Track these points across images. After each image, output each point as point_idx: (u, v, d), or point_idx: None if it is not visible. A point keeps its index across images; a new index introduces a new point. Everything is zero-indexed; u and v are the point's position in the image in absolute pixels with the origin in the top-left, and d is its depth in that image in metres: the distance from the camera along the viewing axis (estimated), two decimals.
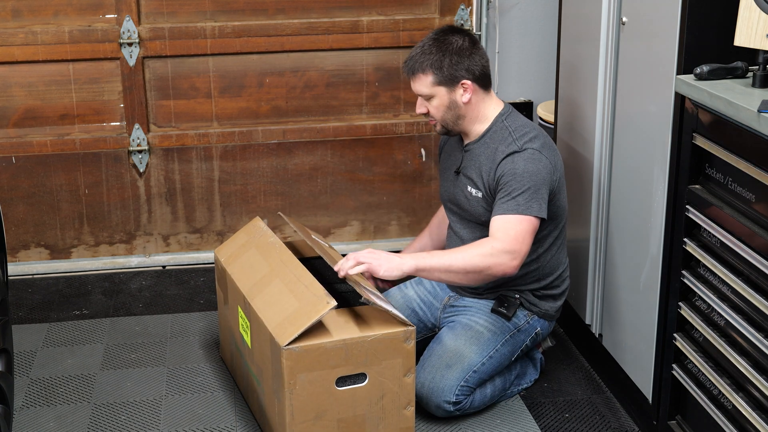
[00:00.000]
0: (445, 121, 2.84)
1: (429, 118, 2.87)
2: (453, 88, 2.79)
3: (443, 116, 2.83)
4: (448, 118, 2.83)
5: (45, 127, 3.75)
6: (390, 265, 2.65)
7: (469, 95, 2.80)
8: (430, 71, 2.77)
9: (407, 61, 2.83)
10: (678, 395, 2.57)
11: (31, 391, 3.00)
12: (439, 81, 2.78)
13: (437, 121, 2.86)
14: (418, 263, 2.67)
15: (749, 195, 2.18)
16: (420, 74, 2.79)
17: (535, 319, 2.92)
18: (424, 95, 2.81)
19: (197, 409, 2.92)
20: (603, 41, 2.81)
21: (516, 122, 2.83)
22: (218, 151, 3.86)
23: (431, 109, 2.83)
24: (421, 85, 2.80)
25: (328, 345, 2.50)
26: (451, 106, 2.81)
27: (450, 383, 2.77)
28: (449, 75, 2.77)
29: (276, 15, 3.78)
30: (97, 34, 3.67)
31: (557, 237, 2.88)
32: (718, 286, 2.34)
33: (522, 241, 2.68)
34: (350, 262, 2.65)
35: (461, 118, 2.83)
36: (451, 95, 2.80)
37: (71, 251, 3.90)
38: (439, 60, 2.77)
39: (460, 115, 2.83)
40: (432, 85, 2.78)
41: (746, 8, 2.21)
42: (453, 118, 2.83)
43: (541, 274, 2.88)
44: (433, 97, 2.80)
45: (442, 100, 2.80)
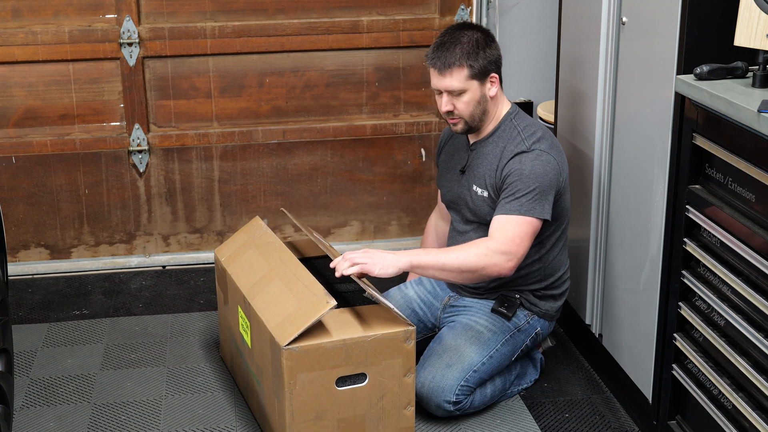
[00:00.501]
0: (473, 117, 2.79)
1: (453, 117, 2.80)
2: (484, 82, 2.76)
3: (473, 112, 2.78)
4: (476, 114, 2.79)
5: (45, 127, 3.75)
6: (384, 263, 2.63)
7: (496, 89, 2.79)
8: (466, 64, 2.72)
9: (437, 56, 2.74)
10: (678, 395, 2.57)
11: (31, 391, 3.00)
12: (474, 74, 2.74)
13: (464, 118, 2.79)
14: (412, 259, 2.65)
15: (749, 195, 2.18)
16: (456, 68, 2.72)
17: (536, 319, 2.92)
18: (455, 90, 2.75)
19: (197, 409, 2.92)
20: (603, 41, 2.81)
21: (524, 121, 2.83)
22: (218, 151, 3.86)
23: (460, 105, 2.77)
24: (455, 79, 2.74)
25: (328, 345, 2.50)
26: (481, 100, 2.77)
27: (450, 383, 2.77)
28: (482, 68, 2.74)
29: (276, 15, 3.78)
30: (97, 34, 3.67)
31: (559, 238, 2.87)
32: (718, 286, 2.34)
33: (519, 243, 2.67)
34: (346, 263, 2.64)
35: (486, 113, 2.81)
36: (482, 89, 2.77)
37: (71, 251, 3.90)
38: (474, 53, 2.73)
39: (486, 110, 2.80)
40: (467, 78, 2.74)
41: (746, 8, 2.21)
42: (480, 113, 2.79)
43: (543, 274, 2.88)
44: (464, 92, 2.75)
45: (474, 95, 2.76)
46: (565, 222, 2.89)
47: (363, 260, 2.63)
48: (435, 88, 2.80)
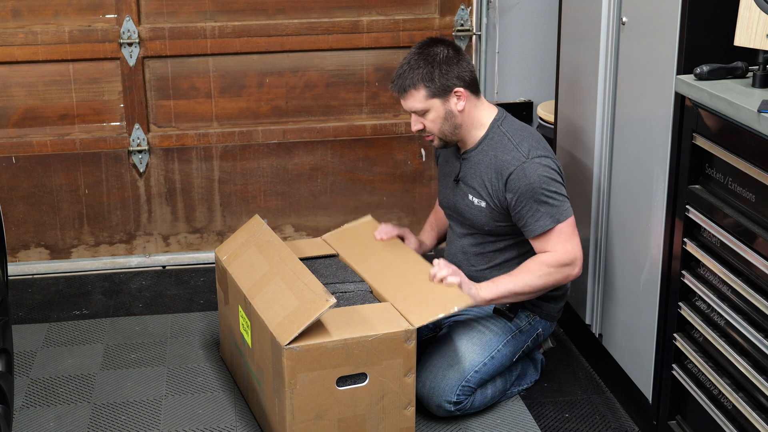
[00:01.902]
0: (443, 133, 2.81)
1: (425, 134, 2.84)
2: (447, 98, 2.77)
3: (441, 128, 2.80)
4: (446, 130, 2.81)
5: (45, 127, 3.75)
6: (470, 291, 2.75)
7: (464, 103, 2.79)
8: (422, 85, 2.75)
9: (395, 80, 2.80)
10: (678, 395, 2.57)
11: (31, 391, 3.00)
12: (433, 93, 2.76)
13: (435, 135, 2.83)
14: (491, 295, 2.77)
15: (749, 195, 2.18)
16: (412, 90, 2.76)
17: (537, 320, 2.92)
18: (418, 111, 2.78)
19: (197, 409, 2.92)
20: (603, 41, 2.81)
21: (512, 127, 2.82)
22: (218, 151, 3.87)
23: (427, 124, 2.80)
24: (414, 101, 2.77)
25: (328, 345, 2.50)
26: (447, 116, 2.79)
27: (451, 383, 2.77)
28: (441, 85, 2.76)
29: (276, 15, 3.78)
30: (97, 34, 3.68)
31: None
32: (718, 286, 2.34)
33: (572, 247, 2.76)
34: (445, 270, 2.74)
35: (458, 127, 2.82)
36: (446, 105, 2.78)
37: (71, 251, 3.90)
38: (429, 72, 2.75)
39: (457, 125, 2.81)
40: (426, 98, 2.76)
41: (746, 8, 2.21)
42: (451, 129, 2.81)
43: None
44: (428, 111, 2.78)
45: (438, 113, 2.78)
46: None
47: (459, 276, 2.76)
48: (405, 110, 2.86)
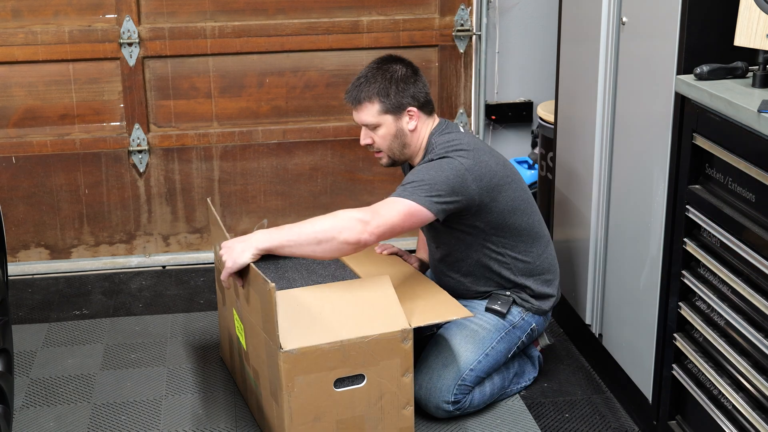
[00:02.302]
0: (391, 150, 2.82)
1: (373, 150, 2.85)
2: (399, 116, 2.79)
3: (390, 145, 2.81)
4: (394, 147, 2.82)
5: (45, 127, 3.76)
6: (234, 254, 2.58)
7: (415, 122, 2.80)
8: (377, 99, 2.76)
9: (350, 91, 2.80)
10: (678, 395, 2.57)
11: (31, 391, 3.00)
12: (386, 109, 2.77)
13: (383, 152, 2.83)
14: (269, 240, 2.58)
15: (749, 195, 2.18)
16: (366, 103, 2.77)
17: (530, 315, 2.92)
18: (370, 125, 2.79)
19: (197, 409, 2.92)
20: (603, 41, 2.81)
21: (443, 138, 2.80)
22: (218, 151, 3.86)
23: (377, 140, 2.81)
24: (367, 114, 2.78)
25: (325, 347, 2.49)
26: (397, 134, 2.80)
27: (447, 383, 2.77)
28: (396, 102, 2.77)
29: (276, 15, 3.77)
30: (97, 34, 3.67)
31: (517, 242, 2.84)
32: (718, 286, 2.34)
33: (384, 215, 2.61)
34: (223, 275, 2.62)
35: (407, 147, 2.83)
36: (398, 123, 2.79)
37: (71, 251, 3.90)
38: (385, 88, 2.76)
39: (405, 144, 2.82)
40: (379, 113, 2.77)
41: (746, 8, 2.21)
42: (399, 147, 2.82)
43: (516, 274, 2.88)
44: (379, 126, 2.79)
45: (389, 129, 2.79)
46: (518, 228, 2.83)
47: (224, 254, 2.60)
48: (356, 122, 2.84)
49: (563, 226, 3.25)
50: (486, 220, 2.79)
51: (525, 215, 2.85)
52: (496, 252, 2.85)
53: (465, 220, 2.78)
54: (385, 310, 2.59)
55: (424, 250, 3.20)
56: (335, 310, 2.57)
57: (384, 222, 2.61)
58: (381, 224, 2.60)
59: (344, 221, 2.58)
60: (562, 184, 3.23)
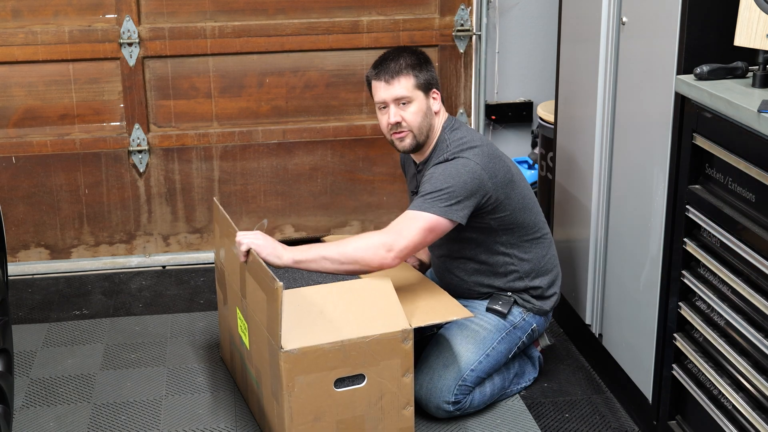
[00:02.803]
0: (421, 129, 2.80)
1: (401, 129, 2.80)
2: (427, 95, 2.80)
3: (420, 124, 2.79)
4: (424, 126, 2.80)
5: (45, 127, 3.75)
6: (275, 252, 2.65)
7: (439, 104, 2.83)
8: (412, 74, 2.78)
9: (384, 68, 2.78)
10: (678, 395, 2.57)
11: (31, 391, 3.00)
12: (419, 84, 2.78)
13: (413, 131, 2.79)
14: (296, 257, 2.66)
15: (749, 195, 2.18)
16: (402, 76, 2.77)
17: (531, 315, 2.92)
18: (404, 98, 2.77)
19: (197, 409, 2.92)
20: (603, 41, 2.81)
21: (456, 134, 2.81)
22: (218, 151, 3.86)
23: (408, 116, 2.78)
24: (402, 87, 2.77)
25: (326, 347, 2.49)
26: (427, 113, 2.81)
27: (448, 383, 2.77)
28: (426, 80, 2.79)
29: (276, 15, 3.77)
30: (97, 34, 3.68)
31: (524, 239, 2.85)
32: (718, 286, 2.34)
33: (407, 236, 2.65)
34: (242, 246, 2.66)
35: (431, 129, 2.83)
36: (427, 101, 2.81)
37: (71, 251, 3.90)
38: (418, 64, 2.79)
39: (432, 125, 2.83)
40: (414, 87, 2.78)
41: (746, 8, 2.21)
42: (427, 127, 2.82)
43: (520, 274, 2.88)
44: (412, 102, 2.78)
45: (421, 105, 2.79)
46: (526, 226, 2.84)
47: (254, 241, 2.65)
48: (381, 102, 2.80)
49: (563, 226, 3.25)
50: (499, 217, 2.79)
51: (532, 213, 2.87)
52: (504, 253, 2.85)
53: (479, 219, 2.78)
54: (385, 311, 2.59)
55: (424, 251, 3.20)
56: (336, 309, 2.57)
57: (407, 245, 2.66)
58: (404, 247, 2.66)
59: (371, 250, 2.64)
60: (562, 184, 3.23)
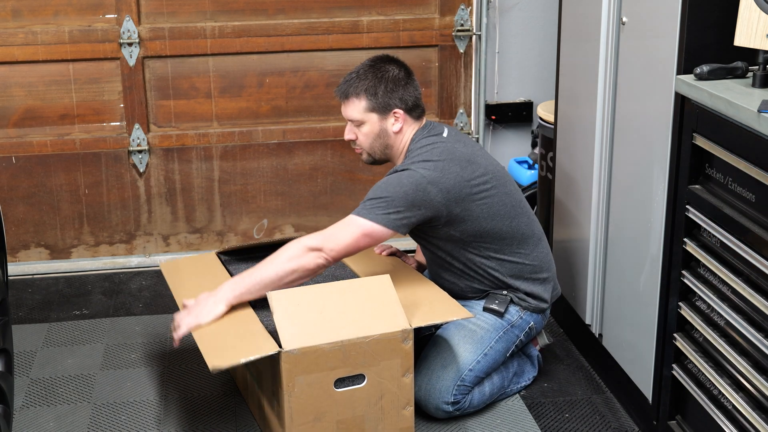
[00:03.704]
0: (372, 149, 2.84)
1: (355, 147, 2.87)
2: (385, 116, 2.81)
3: (371, 144, 2.84)
4: (376, 147, 2.84)
5: (45, 127, 3.76)
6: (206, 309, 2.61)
7: (400, 125, 2.82)
8: (364, 96, 2.78)
9: (341, 85, 2.83)
10: (678, 395, 2.57)
11: (31, 391, 3.00)
12: (372, 107, 2.79)
13: (364, 150, 2.85)
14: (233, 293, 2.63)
15: (749, 195, 2.18)
16: (353, 98, 2.79)
17: (528, 313, 2.92)
18: (355, 120, 2.81)
19: (197, 409, 2.92)
20: (603, 41, 2.81)
21: (419, 144, 2.80)
22: (218, 151, 3.86)
23: (360, 136, 2.83)
24: (353, 109, 2.80)
25: (325, 347, 2.49)
26: (380, 134, 2.82)
27: (447, 383, 2.77)
28: (383, 103, 2.79)
29: (276, 15, 3.77)
30: (97, 34, 3.68)
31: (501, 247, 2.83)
32: (718, 286, 2.34)
33: (337, 239, 2.64)
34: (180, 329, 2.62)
35: (389, 148, 2.85)
36: (382, 123, 2.81)
37: (71, 251, 3.90)
38: (374, 86, 2.78)
39: (388, 145, 2.84)
40: (365, 110, 2.79)
41: (746, 8, 2.21)
42: (381, 147, 2.84)
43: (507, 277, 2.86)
44: (363, 123, 2.81)
45: (373, 128, 2.81)
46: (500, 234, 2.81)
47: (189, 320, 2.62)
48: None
49: (563, 226, 3.25)
50: (460, 229, 2.78)
51: (507, 219, 2.82)
52: (480, 256, 2.85)
53: (438, 230, 2.78)
54: (385, 310, 2.59)
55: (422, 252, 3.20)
56: (336, 309, 2.57)
57: (337, 246, 2.65)
58: (334, 248, 2.65)
59: (298, 257, 2.63)
60: (562, 184, 3.23)
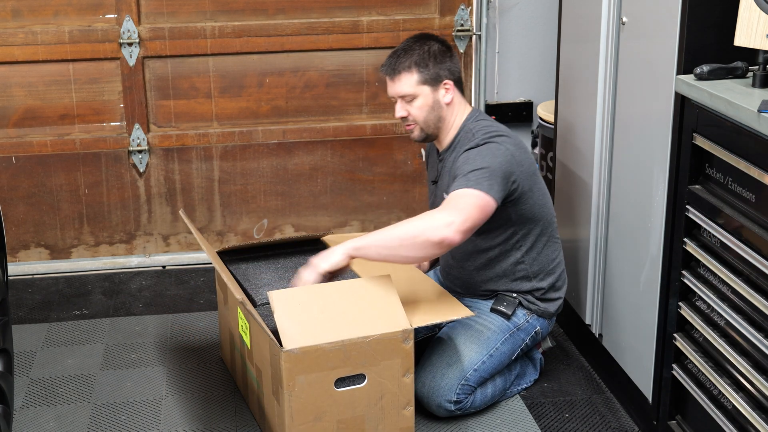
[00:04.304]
0: (427, 123, 2.83)
1: (407, 123, 2.85)
2: (436, 88, 2.81)
3: (426, 117, 2.82)
4: (430, 120, 2.83)
5: (45, 127, 3.76)
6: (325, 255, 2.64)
7: (451, 96, 2.83)
8: (416, 69, 2.79)
9: (388, 62, 2.83)
10: (678, 395, 2.57)
11: (31, 391, 3.00)
12: (424, 80, 2.79)
13: (418, 124, 2.84)
14: (355, 243, 2.63)
15: (749, 195, 2.18)
16: (405, 73, 2.79)
17: (535, 318, 2.92)
18: (407, 95, 2.81)
19: (197, 409, 2.92)
20: (603, 41, 2.81)
21: (481, 124, 2.83)
22: (218, 151, 3.86)
23: (413, 111, 2.82)
24: (404, 84, 2.80)
25: (326, 347, 2.49)
26: (434, 106, 2.82)
27: (451, 382, 2.77)
28: (434, 74, 2.79)
29: (276, 15, 3.77)
30: (97, 34, 3.67)
31: (539, 238, 2.86)
32: (718, 286, 2.34)
33: (463, 210, 2.58)
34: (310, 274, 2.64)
35: (441, 120, 2.84)
36: (435, 95, 2.81)
37: (71, 251, 3.90)
38: (423, 59, 2.79)
39: (441, 117, 2.83)
40: (417, 83, 2.79)
41: (746, 8, 2.21)
42: (435, 120, 2.83)
43: (528, 273, 2.87)
44: (416, 97, 2.81)
45: (426, 100, 2.81)
46: (543, 223, 2.85)
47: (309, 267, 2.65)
48: (390, 96, 2.86)
49: (563, 226, 3.25)
50: (520, 210, 2.79)
51: (549, 211, 2.87)
52: (517, 248, 2.84)
53: (500, 209, 2.75)
54: (386, 310, 2.59)
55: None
56: (336, 309, 2.57)
57: (468, 220, 2.58)
58: (466, 224, 2.58)
59: (429, 221, 2.58)
60: (562, 184, 3.24)
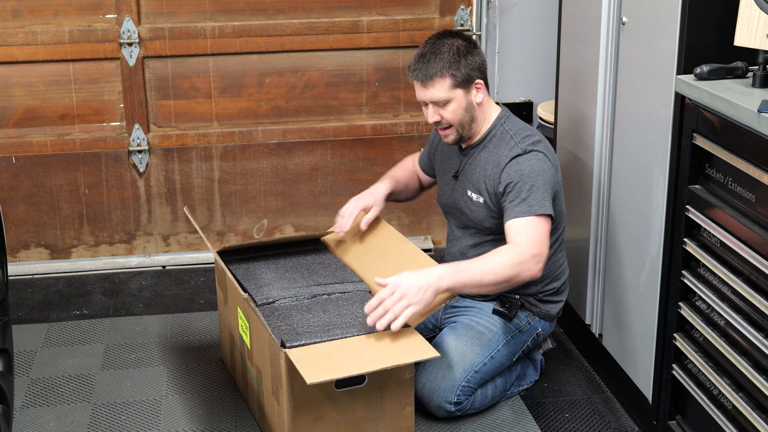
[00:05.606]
0: (462, 125, 2.78)
1: (442, 127, 2.79)
2: (468, 90, 2.75)
3: (461, 120, 2.77)
4: (465, 122, 2.78)
5: (45, 127, 3.75)
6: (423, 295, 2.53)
7: (482, 95, 2.78)
8: (448, 74, 2.71)
9: (418, 68, 2.73)
10: (678, 395, 2.57)
11: (31, 391, 3.00)
12: (457, 83, 2.72)
13: (454, 127, 2.78)
14: (450, 285, 2.56)
15: (749, 195, 2.18)
16: (438, 79, 2.71)
17: (536, 319, 2.92)
18: (440, 100, 2.74)
19: (197, 409, 2.92)
20: (603, 41, 2.81)
21: (515, 125, 2.82)
22: (218, 151, 3.86)
23: (447, 115, 2.76)
24: (438, 90, 2.72)
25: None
26: (468, 108, 2.76)
27: (451, 383, 2.77)
28: (466, 76, 2.73)
29: (276, 15, 3.77)
30: (97, 34, 3.67)
31: (555, 240, 2.87)
32: (718, 286, 2.34)
33: (543, 242, 2.65)
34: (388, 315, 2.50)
35: (475, 121, 2.80)
36: (468, 97, 2.76)
37: (71, 251, 3.90)
38: (455, 61, 2.71)
39: (474, 117, 2.79)
40: (450, 88, 2.72)
41: (746, 8, 2.21)
42: (469, 121, 2.79)
43: (541, 277, 2.87)
44: (450, 101, 2.74)
45: (460, 103, 2.75)
46: (562, 225, 2.88)
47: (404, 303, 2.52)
48: (420, 100, 2.79)
49: None
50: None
51: (564, 217, 2.88)
52: None
53: None
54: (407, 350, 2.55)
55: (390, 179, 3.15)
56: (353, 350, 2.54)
57: (547, 251, 2.67)
58: (546, 255, 2.66)
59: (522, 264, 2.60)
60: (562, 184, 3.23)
